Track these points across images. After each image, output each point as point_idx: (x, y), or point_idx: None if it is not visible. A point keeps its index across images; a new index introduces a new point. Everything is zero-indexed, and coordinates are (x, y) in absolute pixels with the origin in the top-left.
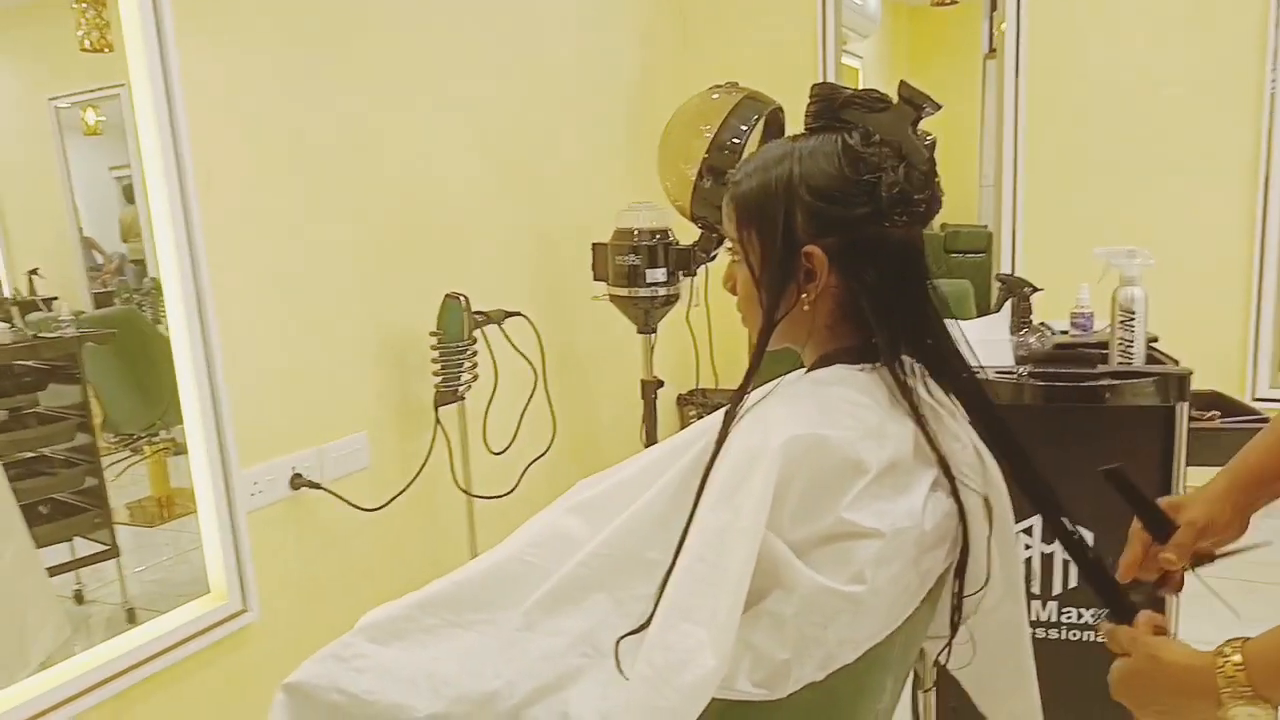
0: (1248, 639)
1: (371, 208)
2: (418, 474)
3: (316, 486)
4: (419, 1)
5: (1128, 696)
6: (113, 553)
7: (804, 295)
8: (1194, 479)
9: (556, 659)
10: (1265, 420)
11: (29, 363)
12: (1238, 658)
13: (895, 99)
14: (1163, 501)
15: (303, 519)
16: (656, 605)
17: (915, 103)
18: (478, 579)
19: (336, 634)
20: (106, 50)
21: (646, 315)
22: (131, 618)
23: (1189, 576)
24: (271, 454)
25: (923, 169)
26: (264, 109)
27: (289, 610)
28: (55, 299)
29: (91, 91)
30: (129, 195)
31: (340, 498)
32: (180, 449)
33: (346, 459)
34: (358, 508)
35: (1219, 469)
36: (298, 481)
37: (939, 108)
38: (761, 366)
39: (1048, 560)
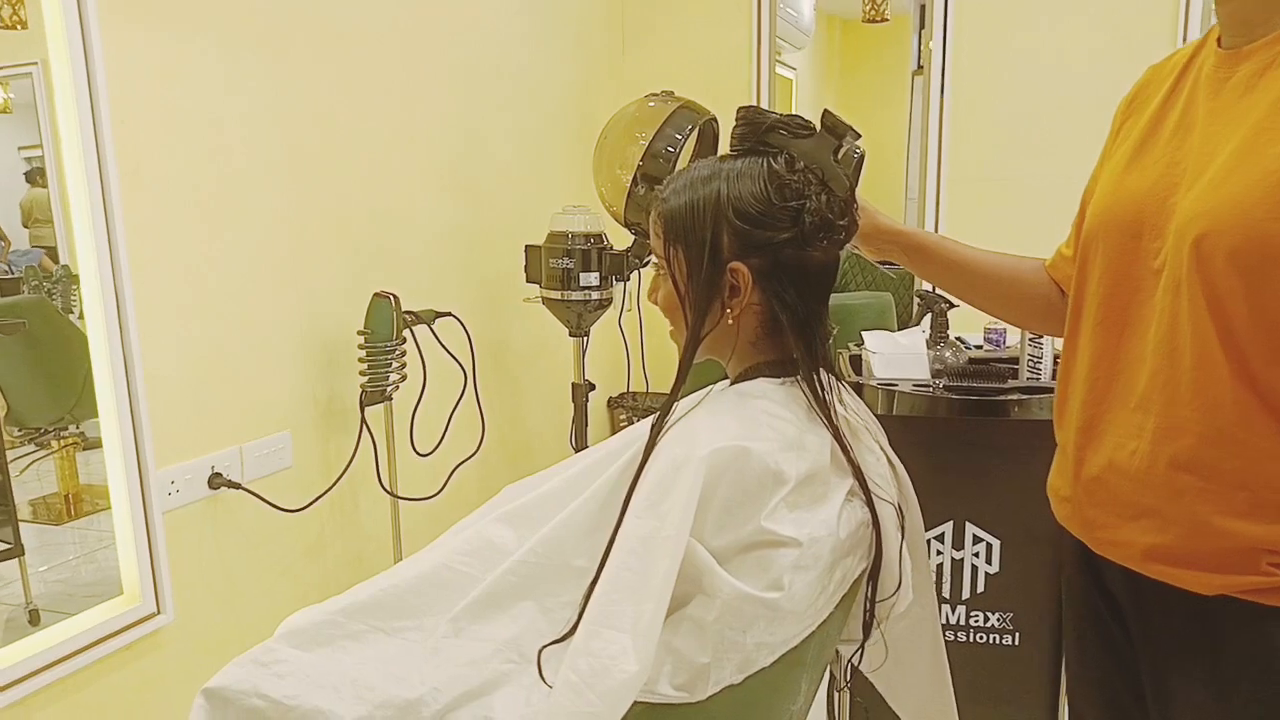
0: None
1: (301, 203)
2: (342, 474)
3: (236, 486)
4: (357, 1)
5: None
6: (16, 551)
7: (728, 310)
8: None
9: (482, 665)
10: None
11: None
12: None
13: (818, 126)
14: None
15: (221, 519)
16: (582, 612)
17: (837, 131)
18: (405, 586)
19: (255, 637)
20: (20, 27)
21: (579, 318)
22: (35, 619)
23: None
24: (190, 452)
25: (842, 196)
26: (192, 100)
27: (206, 613)
28: None
29: (2, 68)
30: (35, 179)
31: (261, 498)
32: (90, 444)
33: (268, 458)
34: (279, 508)
35: None
36: (217, 481)
37: (859, 137)
38: (689, 376)
39: (958, 565)
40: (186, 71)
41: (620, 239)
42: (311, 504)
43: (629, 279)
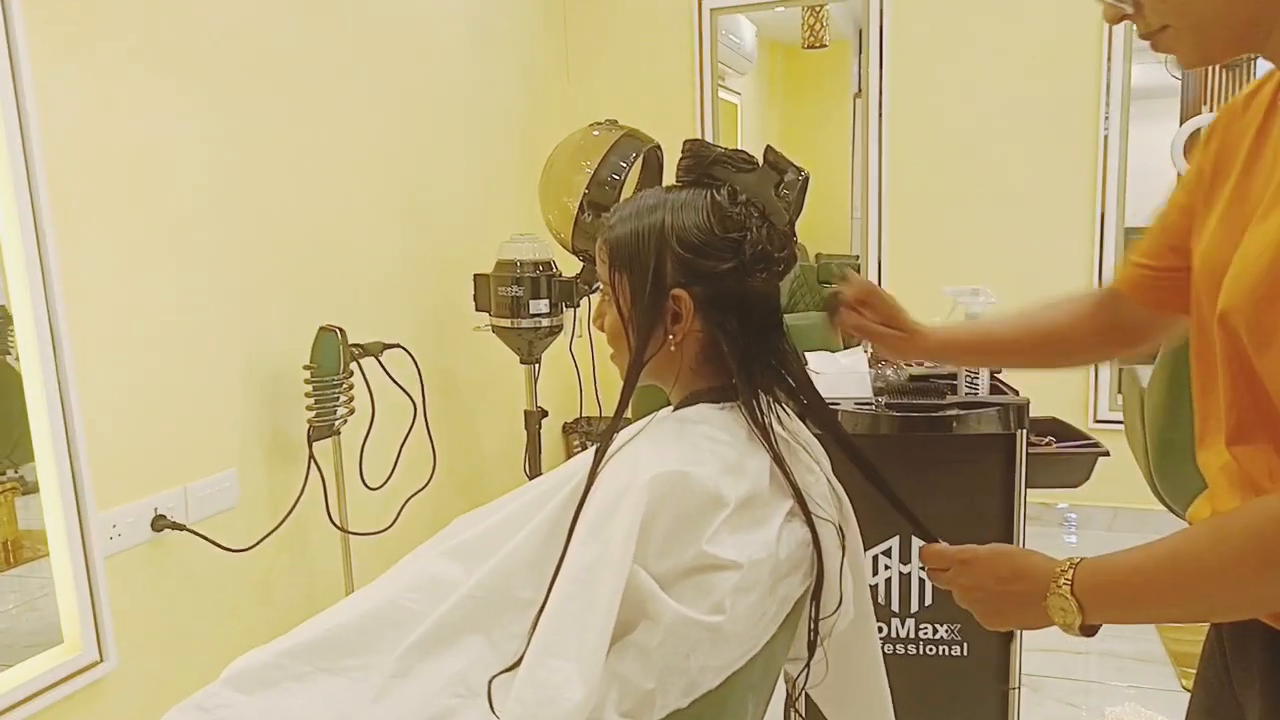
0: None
1: (243, 236)
2: (290, 512)
3: (181, 528)
4: (299, 29)
5: (978, 587)
6: None
7: (671, 337)
8: (1033, 498)
9: (430, 701)
10: (1095, 445)
11: None
12: (1070, 570)
13: (761, 161)
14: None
15: (166, 562)
16: (529, 643)
17: (779, 167)
18: (351, 624)
19: (203, 682)
20: None
21: (530, 346)
22: None
23: None
24: (132, 494)
25: (783, 229)
26: (127, 131)
27: (151, 659)
28: None
29: None
30: None
31: (206, 539)
32: (30, 489)
33: (213, 498)
34: (225, 549)
35: (1056, 497)
36: (160, 523)
37: (800, 171)
38: (633, 401)
39: (905, 579)
40: (121, 102)
41: (569, 266)
42: (259, 543)
43: (579, 305)
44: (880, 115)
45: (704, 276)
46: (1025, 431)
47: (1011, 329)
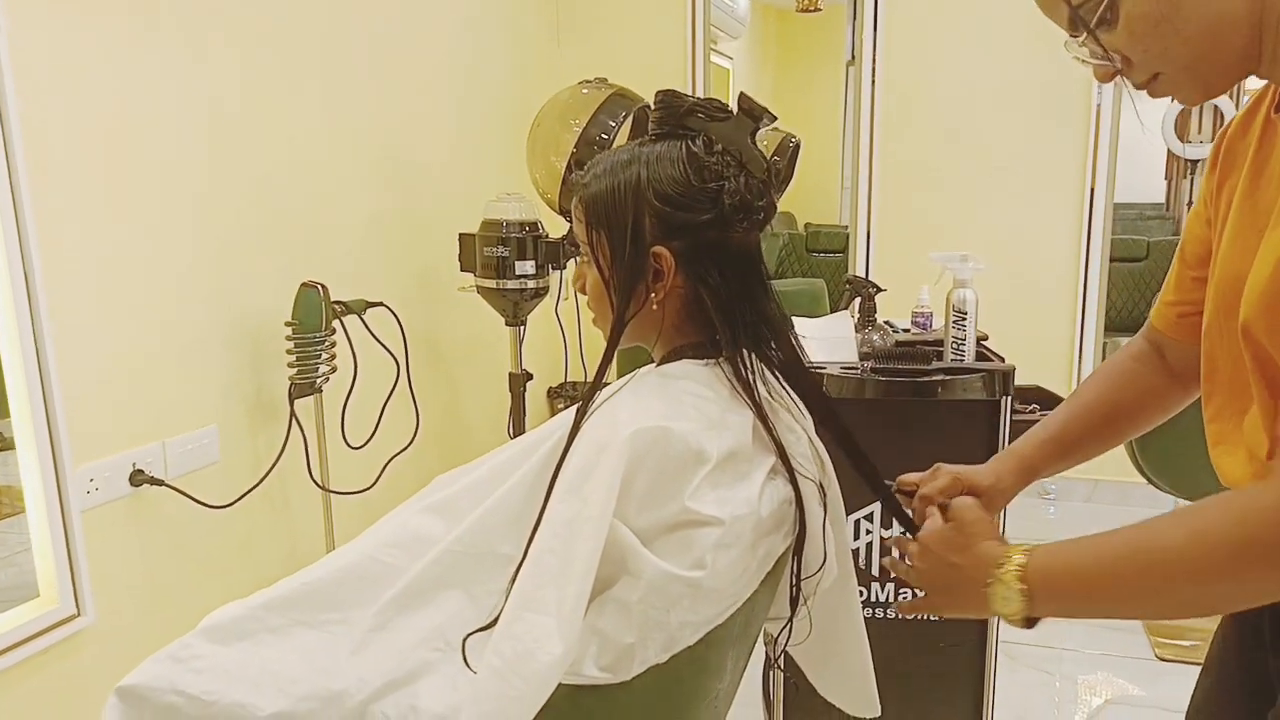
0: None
1: (224, 191)
2: (271, 469)
3: (160, 483)
4: None
5: (924, 549)
6: None
7: (652, 295)
8: None
9: (407, 654)
10: None
11: None
12: (1021, 558)
13: (735, 108)
14: (949, 469)
15: (145, 517)
16: (507, 598)
17: (754, 114)
18: (329, 578)
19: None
20: None
21: (515, 308)
22: None
23: None
24: (110, 449)
25: (761, 177)
26: (103, 89)
27: (130, 614)
28: None
29: None
30: None
31: (186, 495)
32: (6, 444)
33: (194, 454)
34: (205, 505)
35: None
36: (139, 478)
37: (775, 119)
38: (619, 365)
39: (886, 544)
40: (96, 60)
41: (556, 227)
42: (240, 499)
43: (565, 267)
44: (873, 83)
45: (683, 230)
46: (1010, 399)
47: (1078, 428)
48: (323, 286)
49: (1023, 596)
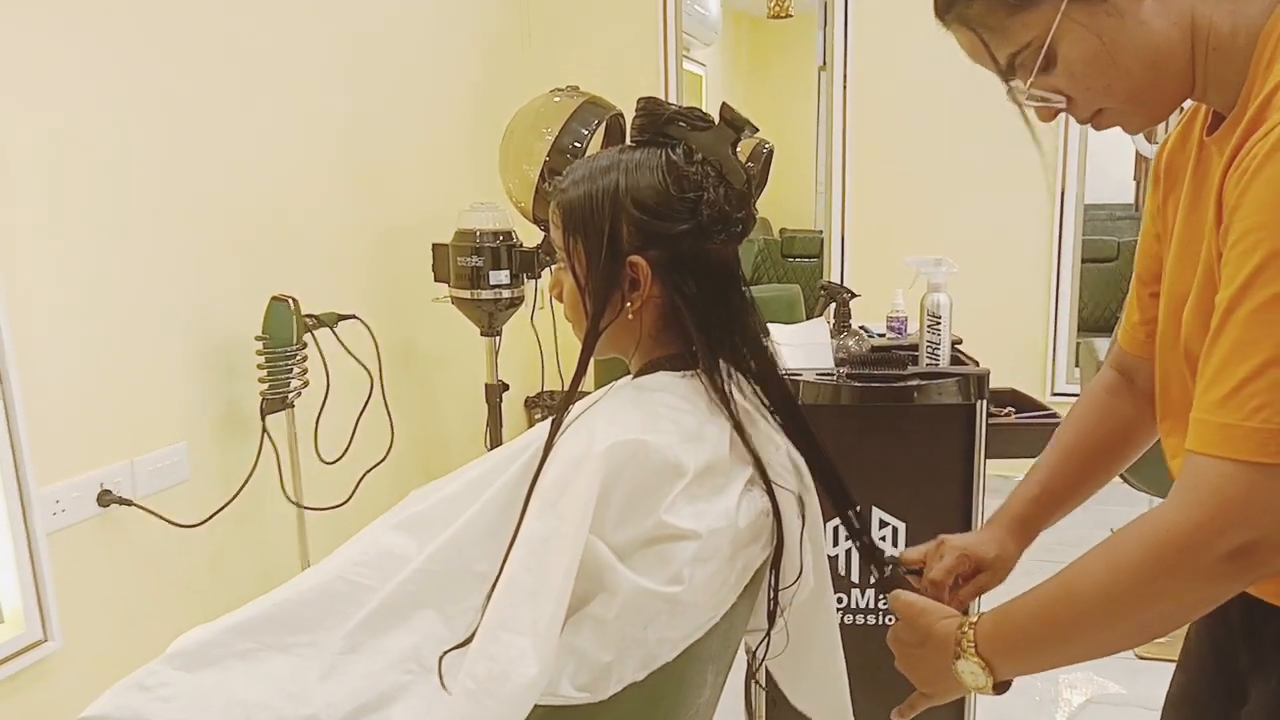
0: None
1: (191, 204)
2: (243, 486)
3: (128, 503)
4: None
5: (894, 645)
6: None
7: (629, 304)
8: (993, 470)
9: (379, 677)
10: (1054, 416)
11: None
12: (970, 630)
13: (717, 118)
14: (954, 543)
15: (114, 538)
16: (482, 617)
17: (735, 125)
18: (298, 600)
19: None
20: None
21: (490, 318)
22: None
23: None
24: (76, 469)
25: (740, 189)
26: (61, 97)
27: (99, 638)
28: None
29: None
30: None
31: (156, 514)
32: None
33: (163, 472)
34: (176, 524)
35: (1016, 468)
36: (107, 498)
37: (756, 130)
38: (596, 376)
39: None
40: (54, 66)
41: (530, 236)
42: (211, 518)
43: (540, 276)
44: (845, 88)
45: (661, 239)
46: (985, 402)
47: (1066, 476)
48: (293, 299)
49: (983, 669)
